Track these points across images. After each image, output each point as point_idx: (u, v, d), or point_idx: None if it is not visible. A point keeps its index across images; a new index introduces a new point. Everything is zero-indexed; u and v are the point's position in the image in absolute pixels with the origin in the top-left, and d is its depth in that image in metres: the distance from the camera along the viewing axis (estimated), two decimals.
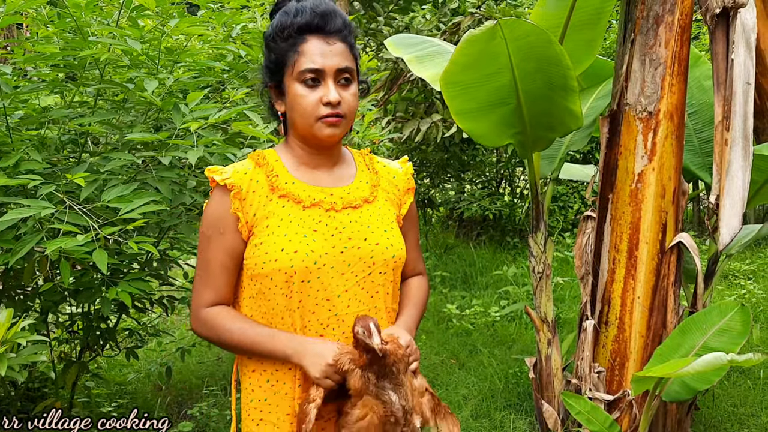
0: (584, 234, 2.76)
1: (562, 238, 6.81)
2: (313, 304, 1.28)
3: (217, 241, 1.31)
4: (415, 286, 1.51)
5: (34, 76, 2.23)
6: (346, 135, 1.40)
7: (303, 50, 1.27)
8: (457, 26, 5.22)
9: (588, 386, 2.57)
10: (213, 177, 1.31)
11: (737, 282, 5.49)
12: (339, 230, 1.31)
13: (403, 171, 1.47)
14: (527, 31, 2.21)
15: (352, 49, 1.32)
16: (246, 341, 1.29)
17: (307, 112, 1.27)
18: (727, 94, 2.26)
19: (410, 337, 1.32)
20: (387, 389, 1.22)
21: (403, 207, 1.44)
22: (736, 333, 2.28)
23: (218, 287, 1.32)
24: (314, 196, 1.31)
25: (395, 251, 1.35)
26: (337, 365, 1.22)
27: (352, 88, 1.31)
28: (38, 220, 1.70)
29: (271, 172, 1.32)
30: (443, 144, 6.04)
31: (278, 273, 1.26)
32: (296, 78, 1.28)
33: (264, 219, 1.29)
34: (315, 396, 1.23)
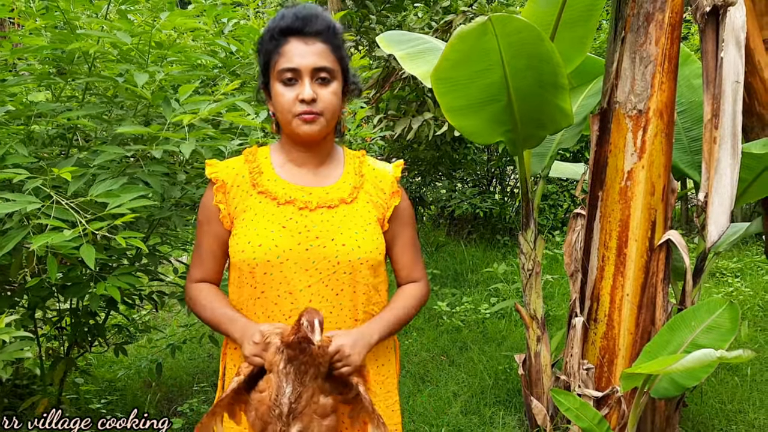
0: (574, 231, 2.77)
1: (551, 237, 6.84)
2: (275, 295, 1.35)
3: (206, 228, 1.44)
4: (403, 292, 1.51)
5: (23, 70, 2.21)
6: (339, 134, 1.47)
7: (283, 51, 1.35)
8: (449, 24, 5.22)
9: (577, 383, 2.58)
10: (207, 170, 1.43)
11: (725, 280, 5.54)
12: (308, 228, 1.36)
13: (392, 174, 1.49)
14: (518, 27, 2.21)
15: (336, 51, 1.38)
16: (213, 319, 1.40)
17: (285, 109, 1.35)
18: (717, 93, 2.28)
19: (343, 345, 1.29)
20: (289, 378, 1.23)
21: (388, 210, 1.46)
22: (724, 330, 2.30)
23: (206, 268, 1.46)
24: (291, 194, 1.38)
25: (362, 253, 1.37)
26: (264, 339, 1.26)
27: (332, 87, 1.36)
28: (24, 215, 1.68)
29: (255, 168, 1.42)
30: (435, 142, 6.05)
31: (243, 264, 1.35)
32: (276, 77, 1.36)
33: (242, 212, 1.38)
34: (242, 371, 1.29)
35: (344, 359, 1.29)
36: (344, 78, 1.42)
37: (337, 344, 1.29)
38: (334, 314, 1.37)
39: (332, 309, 1.37)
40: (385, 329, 1.40)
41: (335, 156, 1.47)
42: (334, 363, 1.28)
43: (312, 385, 1.25)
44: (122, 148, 1.87)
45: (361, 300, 1.40)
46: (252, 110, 1.91)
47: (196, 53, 2.31)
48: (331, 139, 1.46)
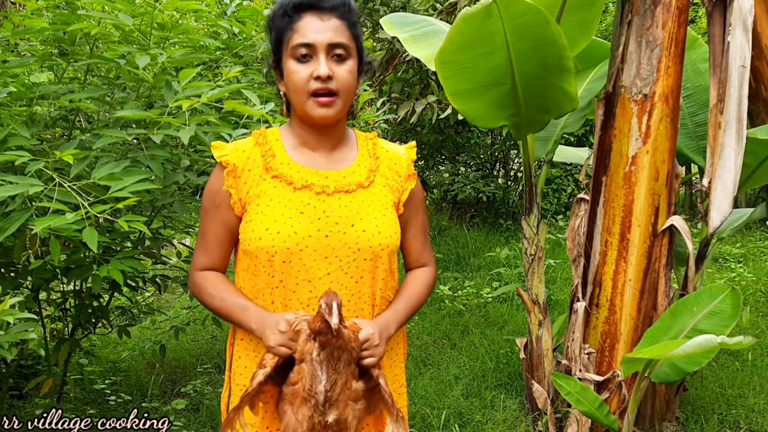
0: (577, 216, 2.76)
1: (554, 221, 6.83)
2: (294, 283, 1.30)
3: (213, 214, 1.37)
4: (414, 278, 1.48)
5: (24, 51, 2.20)
6: (351, 116, 1.43)
7: (297, 27, 1.29)
8: (454, 6, 5.17)
9: (578, 367, 2.59)
10: (213, 153, 1.37)
11: (727, 265, 5.53)
12: (327, 214, 1.31)
13: (407, 156, 1.45)
14: (523, 9, 2.19)
15: (352, 27, 1.33)
16: (223, 309, 1.35)
17: (299, 87, 1.29)
18: (723, 77, 2.26)
19: (374, 333, 1.28)
20: (322, 365, 1.20)
21: (404, 194, 1.42)
22: (726, 316, 2.30)
23: (212, 255, 1.40)
24: (307, 178, 1.33)
25: (383, 239, 1.33)
26: (292, 327, 1.23)
27: (348, 65, 1.30)
28: (27, 197, 1.68)
29: (267, 151, 1.35)
30: (438, 126, 6.02)
31: (261, 251, 1.29)
32: (290, 54, 1.29)
33: (256, 197, 1.32)
34: (267, 363, 1.25)
35: (371, 348, 1.27)
36: (359, 57, 1.36)
37: (367, 333, 1.26)
38: (352, 302, 1.34)
39: (351, 297, 1.33)
40: (401, 320, 1.39)
41: (348, 138, 1.43)
42: (361, 351, 1.26)
43: (345, 372, 1.22)
44: (123, 132, 1.87)
45: (379, 286, 1.37)
46: (257, 99, 1.90)
47: (198, 35, 2.29)
48: (344, 120, 1.41)
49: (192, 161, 2.21)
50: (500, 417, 2.99)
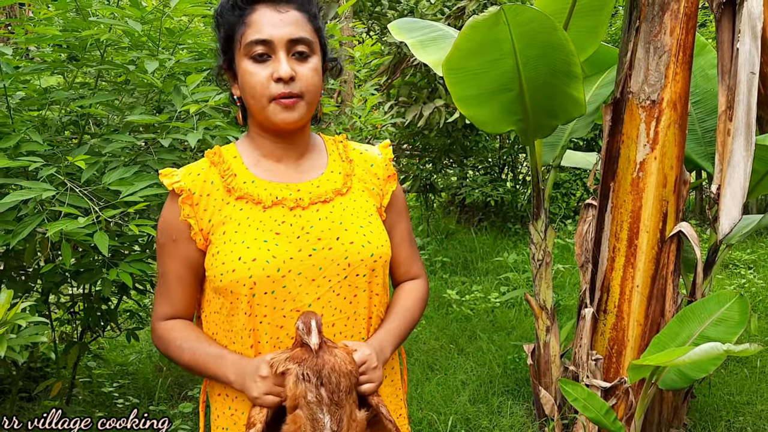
0: (585, 222, 2.76)
1: (563, 225, 6.82)
2: (281, 317, 1.12)
3: (170, 251, 1.18)
4: (405, 293, 1.31)
5: (36, 56, 2.22)
6: (316, 120, 1.25)
7: (250, 21, 1.12)
8: (462, 10, 5.18)
9: (585, 373, 2.59)
10: (163, 181, 1.18)
11: (737, 271, 5.50)
12: (306, 230, 1.14)
13: (383, 157, 1.29)
14: (531, 17, 2.19)
15: (313, 20, 1.16)
16: (194, 362, 1.15)
17: (257, 91, 1.11)
18: (731, 84, 2.25)
19: (370, 354, 1.11)
20: (322, 405, 1.03)
21: (385, 197, 1.26)
22: (734, 323, 2.29)
23: (174, 300, 1.20)
24: (276, 194, 1.15)
25: (374, 249, 1.17)
26: (273, 369, 1.05)
27: (311, 63, 1.13)
28: (39, 201, 1.70)
29: (226, 171, 1.17)
30: (446, 129, 6.03)
31: (237, 285, 1.10)
32: (244, 53, 1.12)
33: (220, 225, 1.14)
34: (255, 419, 1.06)
35: (369, 372, 1.10)
36: (323, 53, 1.19)
37: (363, 354, 1.10)
38: (349, 326, 1.17)
39: (347, 321, 1.16)
40: (395, 341, 1.21)
41: (315, 144, 1.25)
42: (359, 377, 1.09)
43: (348, 401, 1.06)
44: (133, 137, 1.89)
45: (374, 302, 1.20)
46: None
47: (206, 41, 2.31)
48: (309, 125, 1.23)
49: None
50: (507, 423, 2.98)
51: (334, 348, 1.07)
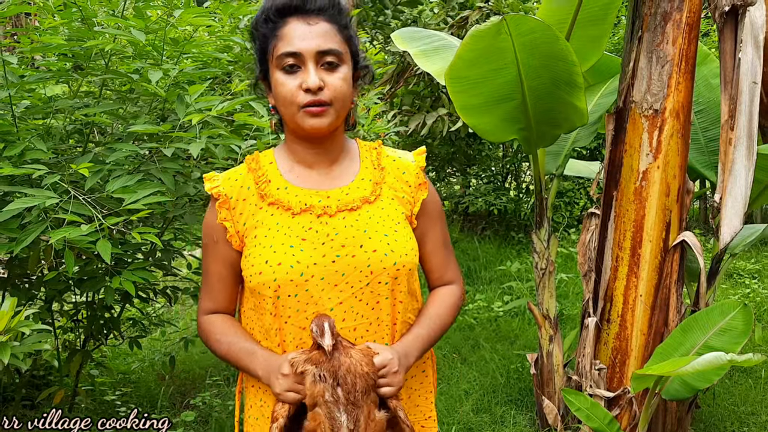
0: (588, 231, 2.76)
1: (567, 234, 6.81)
2: (304, 319, 1.17)
3: (212, 251, 1.27)
4: (437, 298, 1.33)
5: (41, 65, 2.24)
6: (350, 127, 1.29)
7: (281, 34, 1.16)
8: (465, 20, 5.20)
9: (588, 383, 2.58)
10: (205, 185, 1.26)
11: (742, 281, 5.48)
12: (331, 237, 1.18)
13: (416, 164, 1.31)
14: (533, 27, 2.20)
15: (343, 31, 1.20)
16: (230, 355, 1.23)
17: (287, 100, 1.16)
18: (734, 93, 2.25)
19: (392, 359, 1.14)
20: (339, 405, 1.07)
21: (416, 205, 1.28)
22: (737, 332, 2.28)
23: (216, 297, 1.29)
24: (306, 201, 1.20)
25: (397, 257, 1.19)
26: (294, 368, 1.10)
27: (340, 72, 1.17)
28: (43, 209, 1.71)
29: (261, 177, 1.24)
30: (449, 138, 6.03)
31: (263, 287, 1.17)
32: (276, 64, 1.17)
33: (253, 229, 1.21)
34: (278, 414, 1.12)
35: (389, 376, 1.13)
36: (354, 62, 1.23)
37: (385, 358, 1.13)
38: (370, 332, 1.20)
39: (369, 326, 1.20)
40: (423, 346, 1.24)
41: (349, 151, 1.29)
42: (378, 378, 1.12)
43: (366, 402, 1.10)
44: (136, 146, 1.90)
45: (398, 309, 1.23)
46: (265, 111, 1.92)
47: (210, 50, 2.33)
48: (342, 131, 1.27)
49: (203, 173, 2.24)
50: None
51: (351, 349, 1.11)
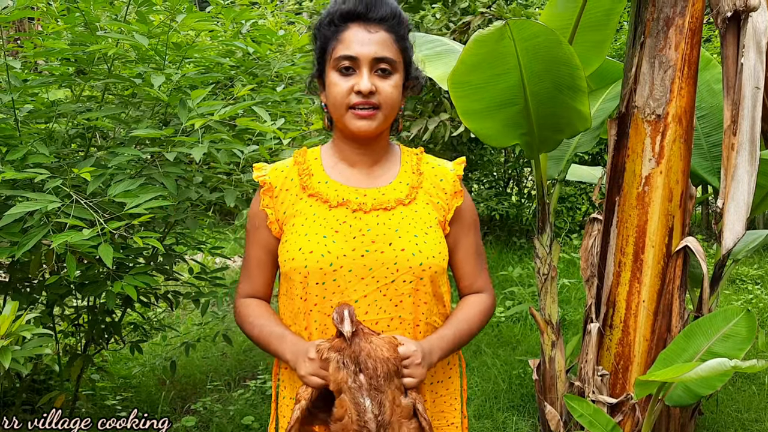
0: (590, 236, 2.75)
1: (569, 240, 6.79)
2: (329, 307, 1.23)
3: (253, 237, 1.34)
4: (466, 305, 1.37)
5: (44, 69, 2.25)
6: (395, 132, 1.35)
7: (342, 37, 1.24)
8: (467, 25, 5.21)
9: (591, 389, 2.56)
10: (254, 174, 1.35)
11: (745, 287, 5.46)
12: (363, 232, 1.24)
13: (454, 172, 1.37)
14: (536, 32, 2.20)
15: (400, 41, 1.27)
16: (262, 339, 1.29)
17: (338, 100, 1.23)
18: (736, 99, 2.25)
19: (416, 351, 1.18)
20: (362, 390, 1.11)
21: (450, 212, 1.33)
22: (741, 338, 2.27)
23: (254, 281, 1.36)
24: (343, 196, 1.27)
25: (423, 259, 1.24)
26: (319, 354, 1.15)
27: (392, 80, 1.24)
28: (45, 213, 1.71)
29: (305, 170, 1.32)
30: (451, 143, 6.03)
31: (294, 272, 1.24)
32: (333, 66, 1.24)
33: (292, 217, 1.28)
34: (301, 396, 1.17)
35: (412, 367, 1.16)
36: (406, 71, 1.30)
37: (409, 349, 1.17)
38: (392, 327, 1.24)
39: (390, 321, 1.24)
40: (447, 347, 1.27)
41: (391, 154, 1.35)
42: (401, 367, 1.16)
43: (390, 388, 1.12)
44: (138, 150, 1.90)
45: (422, 311, 1.27)
46: (267, 116, 1.92)
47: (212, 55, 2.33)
48: (387, 136, 1.34)
49: (205, 178, 2.24)
50: None
51: (372, 335, 1.15)
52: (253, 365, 3.92)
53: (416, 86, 1.36)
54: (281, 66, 2.44)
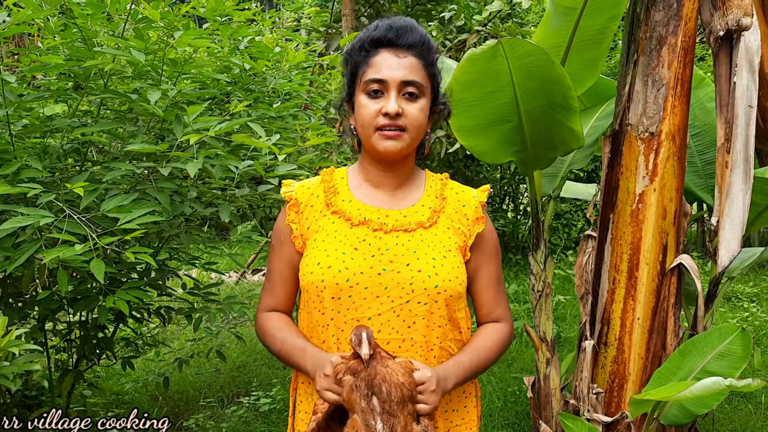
0: (585, 253, 2.75)
1: (564, 256, 6.80)
2: (343, 322, 1.25)
3: (278, 251, 1.37)
4: (484, 333, 1.36)
5: (40, 84, 2.25)
6: (422, 156, 1.38)
7: (372, 62, 1.28)
8: (463, 43, 5.25)
9: (586, 407, 2.55)
10: (282, 189, 1.39)
11: (740, 305, 5.46)
12: (382, 251, 1.26)
13: (477, 199, 1.39)
14: (528, 50, 2.22)
15: (428, 67, 1.30)
16: (283, 351, 1.31)
17: (366, 121, 1.27)
18: (729, 117, 2.26)
19: (431, 377, 1.17)
20: (375, 413, 1.11)
21: (471, 238, 1.34)
22: (736, 357, 2.26)
23: (276, 295, 1.38)
24: (365, 215, 1.30)
25: (439, 281, 1.25)
26: (334, 373, 1.16)
27: (419, 103, 1.28)
28: (37, 228, 1.70)
29: (330, 188, 1.35)
30: (447, 159, 6.05)
31: (311, 286, 1.26)
32: (362, 89, 1.28)
33: (314, 233, 1.31)
34: (318, 408, 1.19)
35: (426, 394, 1.16)
36: (434, 96, 1.34)
37: (424, 375, 1.17)
38: (403, 349, 1.25)
39: (401, 343, 1.25)
40: (462, 375, 1.27)
41: (416, 177, 1.38)
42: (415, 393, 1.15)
43: (402, 413, 1.12)
44: (133, 165, 1.90)
45: (436, 335, 1.27)
46: (263, 132, 1.92)
47: (209, 71, 2.34)
48: (412, 159, 1.37)
49: (200, 193, 2.24)
50: None
51: (389, 360, 1.15)
52: (247, 382, 3.89)
53: (443, 111, 1.38)
54: (277, 82, 2.45)
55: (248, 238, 2.63)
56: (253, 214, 3.23)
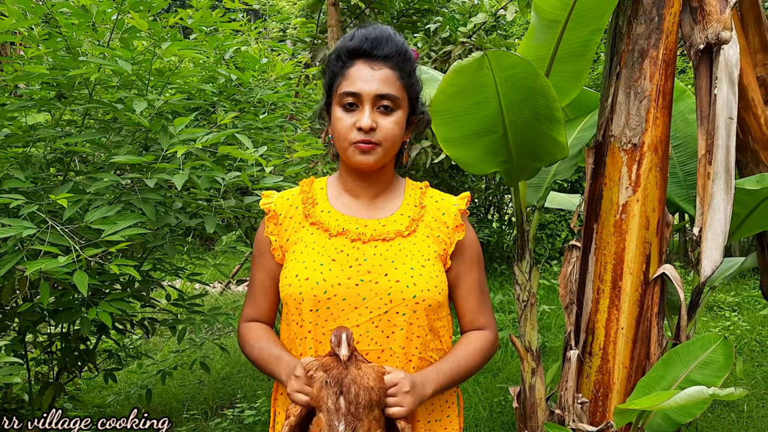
0: (569, 263, 2.77)
1: (549, 266, 6.84)
2: (321, 334, 1.24)
3: (258, 262, 1.37)
4: (466, 340, 1.35)
5: (23, 93, 2.23)
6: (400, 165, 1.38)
7: (347, 74, 1.27)
8: (448, 55, 5.29)
9: (571, 417, 2.56)
10: (262, 201, 1.39)
11: (722, 314, 5.52)
12: (360, 262, 1.25)
13: (456, 207, 1.37)
14: (513, 62, 2.24)
15: (404, 78, 1.29)
16: (260, 360, 1.31)
17: (341, 135, 1.26)
18: (710, 129, 2.30)
19: (403, 379, 1.16)
20: (339, 414, 1.10)
21: (451, 246, 1.33)
22: (718, 366, 2.28)
23: (257, 305, 1.39)
24: (343, 225, 1.29)
25: (417, 291, 1.23)
26: (305, 371, 1.16)
27: (394, 116, 1.26)
28: (19, 239, 1.68)
29: (309, 199, 1.34)
30: (432, 170, 6.07)
31: (290, 299, 1.26)
32: (338, 101, 1.28)
33: (293, 245, 1.30)
34: (291, 412, 1.18)
35: (399, 395, 1.15)
36: (412, 107, 1.32)
37: (395, 377, 1.16)
38: (382, 359, 1.23)
39: (380, 354, 1.23)
40: (442, 381, 1.25)
41: (394, 187, 1.37)
42: (387, 399, 1.15)
43: (368, 417, 1.11)
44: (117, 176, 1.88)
45: (415, 345, 1.25)
46: (250, 143, 1.92)
47: (195, 81, 2.33)
48: (391, 168, 1.36)
49: (185, 203, 2.22)
50: None
51: (363, 363, 1.15)
52: (231, 393, 3.85)
53: (421, 121, 1.37)
54: (264, 93, 2.45)
55: (233, 248, 2.61)
56: (238, 224, 3.21)
